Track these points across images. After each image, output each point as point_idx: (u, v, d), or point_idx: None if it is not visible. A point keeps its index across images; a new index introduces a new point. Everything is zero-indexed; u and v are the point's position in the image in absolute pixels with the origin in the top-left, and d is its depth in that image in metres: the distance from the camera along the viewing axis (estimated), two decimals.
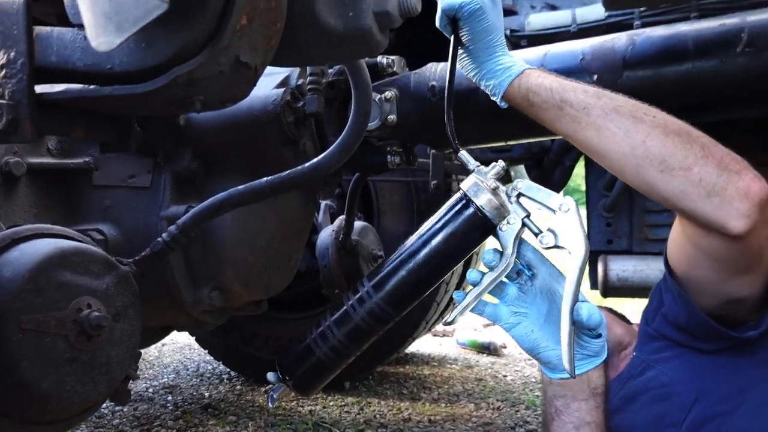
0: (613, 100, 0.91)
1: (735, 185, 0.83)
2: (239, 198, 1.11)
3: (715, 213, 0.84)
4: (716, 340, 0.99)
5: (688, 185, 0.85)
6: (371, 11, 0.65)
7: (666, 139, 0.86)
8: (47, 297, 0.88)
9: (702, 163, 0.85)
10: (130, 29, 0.42)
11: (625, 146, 0.88)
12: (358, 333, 0.98)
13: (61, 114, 0.65)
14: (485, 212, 0.89)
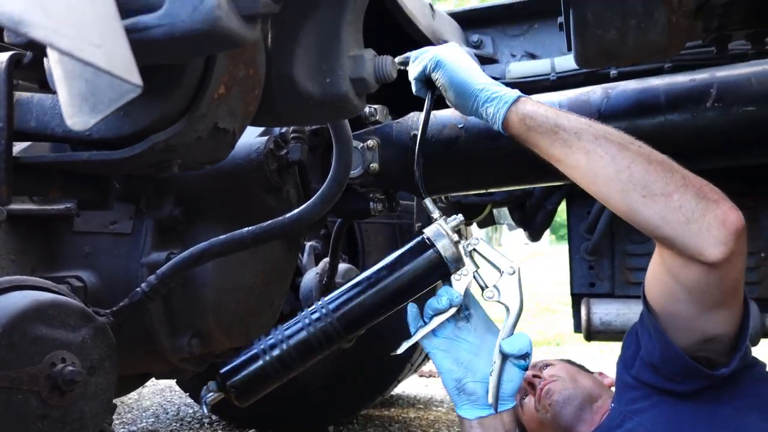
0: (602, 128, 0.96)
1: (713, 213, 0.88)
2: (220, 248, 1.11)
3: (694, 240, 0.88)
4: (690, 379, 1.00)
5: (668, 211, 0.89)
6: (348, 77, 0.67)
7: (649, 167, 0.91)
8: (21, 352, 0.86)
9: (682, 191, 0.89)
10: (105, 111, 0.42)
11: (611, 170, 0.93)
12: (307, 348, 1.00)
13: (38, 176, 0.66)
14: (446, 260, 0.98)
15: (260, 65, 0.64)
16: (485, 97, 1.03)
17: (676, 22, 0.91)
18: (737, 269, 0.92)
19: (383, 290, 1.00)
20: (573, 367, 1.41)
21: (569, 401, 1.26)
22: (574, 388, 1.28)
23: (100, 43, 0.38)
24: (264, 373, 1.00)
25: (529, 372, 1.39)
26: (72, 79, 0.45)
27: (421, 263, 0.99)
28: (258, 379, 1.01)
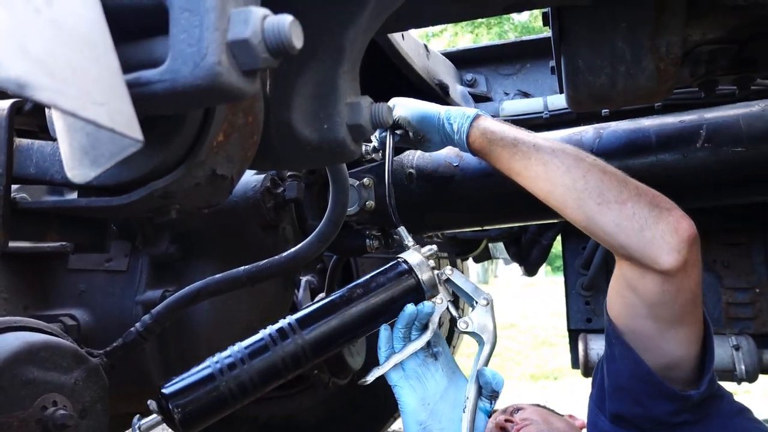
0: (559, 143, 1.02)
1: (665, 220, 0.91)
2: (216, 287, 1.11)
3: (648, 247, 0.91)
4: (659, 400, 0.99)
5: (623, 219, 0.92)
6: (345, 124, 0.68)
7: (603, 176, 0.96)
8: (11, 396, 0.85)
9: (635, 199, 0.93)
10: (105, 164, 0.43)
11: (567, 179, 0.97)
12: (271, 371, 0.88)
13: (36, 220, 0.66)
14: (423, 287, 0.97)
15: (259, 112, 0.65)
16: (448, 115, 1.10)
17: (664, 69, 0.94)
18: (693, 281, 0.94)
19: (356, 311, 0.93)
20: (544, 410, 1.39)
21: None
22: (548, 430, 1.27)
23: (103, 102, 0.39)
24: (219, 398, 0.85)
25: (501, 416, 1.37)
26: (73, 132, 0.46)
27: (400, 290, 0.96)
28: (211, 404, 0.85)
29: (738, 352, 1.79)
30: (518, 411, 1.38)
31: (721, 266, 1.88)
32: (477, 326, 0.99)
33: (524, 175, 1.03)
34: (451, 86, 1.89)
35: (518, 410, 1.39)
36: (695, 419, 0.99)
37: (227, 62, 0.46)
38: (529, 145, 1.01)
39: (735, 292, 1.87)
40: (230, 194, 0.70)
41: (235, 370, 0.86)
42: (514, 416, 1.36)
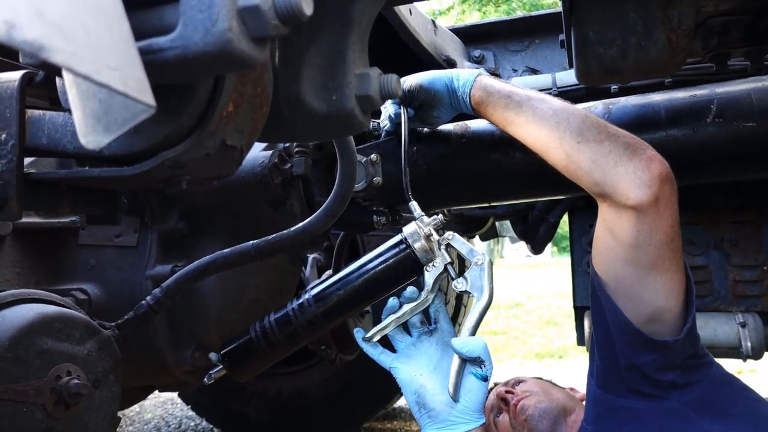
0: (549, 96, 1.11)
1: (639, 158, 0.97)
2: (224, 261, 1.12)
3: (620, 182, 0.97)
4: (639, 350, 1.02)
5: (599, 155, 0.99)
6: (354, 95, 0.68)
7: (586, 119, 1.03)
8: (26, 365, 0.87)
9: (612, 139, 1.00)
10: (118, 130, 0.44)
11: (552, 122, 1.05)
12: (291, 333, 1.10)
13: (48, 191, 0.67)
14: (417, 254, 1.06)
15: (268, 84, 0.65)
16: (456, 73, 1.20)
17: (676, 41, 0.93)
18: (666, 221, 0.97)
19: (359, 284, 1.08)
20: (545, 382, 1.41)
21: (544, 415, 1.26)
22: (548, 401, 1.28)
23: (116, 66, 0.39)
24: (259, 356, 1.12)
25: (502, 388, 1.39)
26: (86, 99, 0.46)
27: (397, 261, 1.07)
28: (250, 359, 1.13)
29: (744, 330, 1.79)
30: (519, 383, 1.40)
31: (729, 244, 1.87)
32: (470, 285, 1.06)
33: (515, 122, 1.11)
34: (459, 62, 1.87)
35: (519, 382, 1.40)
36: (684, 382, 1.00)
37: (237, 29, 0.46)
38: (522, 96, 1.11)
39: (743, 270, 1.86)
40: (239, 165, 0.70)
41: (267, 336, 1.11)
42: (515, 388, 1.38)
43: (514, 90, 1.13)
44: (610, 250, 1.04)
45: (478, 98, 1.16)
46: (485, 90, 1.15)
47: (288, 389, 2.50)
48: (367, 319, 1.79)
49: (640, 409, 1.03)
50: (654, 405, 1.02)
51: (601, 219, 1.05)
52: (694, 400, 1.00)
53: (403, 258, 1.06)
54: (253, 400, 2.54)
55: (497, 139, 1.34)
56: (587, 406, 1.17)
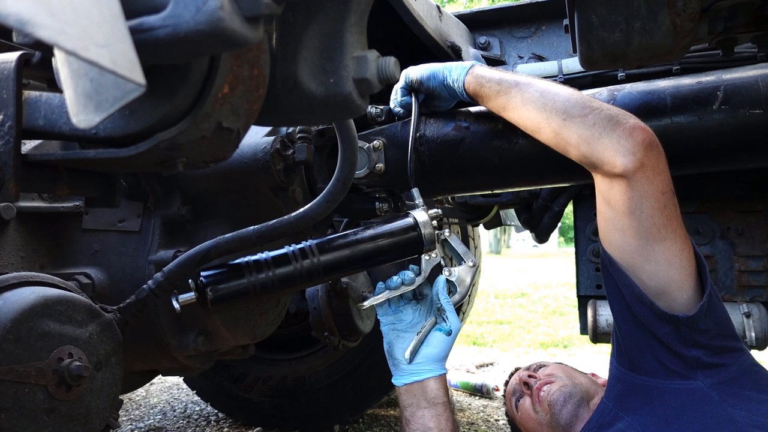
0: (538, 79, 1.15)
1: (622, 127, 1.01)
2: (226, 246, 1.12)
3: (606, 152, 1.01)
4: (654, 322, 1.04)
5: (585, 128, 1.04)
6: (351, 78, 0.68)
7: (571, 97, 1.08)
8: (28, 347, 0.88)
9: (596, 113, 1.04)
10: (109, 109, 0.43)
11: (540, 103, 1.09)
12: (288, 279, 1.07)
13: (46, 173, 0.67)
14: (424, 240, 1.14)
15: (264, 65, 0.65)
16: (449, 68, 1.25)
17: (681, 25, 0.91)
18: (656, 187, 1.01)
19: (365, 249, 1.12)
20: (568, 367, 1.41)
21: (569, 399, 1.26)
22: (572, 385, 1.29)
23: (104, 44, 0.39)
24: (245, 290, 1.05)
25: (524, 372, 1.40)
26: (77, 78, 0.46)
27: (405, 240, 1.14)
28: (237, 293, 1.05)
29: (748, 320, 1.78)
30: (541, 368, 1.40)
31: (735, 234, 1.86)
32: (457, 279, 1.20)
33: (507, 107, 1.16)
34: (464, 49, 1.85)
35: (541, 367, 1.41)
36: (709, 362, 1.01)
37: (229, 7, 0.46)
38: (510, 82, 1.16)
39: (748, 260, 1.85)
40: (236, 148, 0.70)
41: (261, 272, 1.05)
42: (538, 372, 1.38)
43: (503, 77, 1.18)
44: (608, 220, 1.09)
45: (472, 90, 1.22)
46: (477, 81, 1.20)
47: (292, 375, 2.52)
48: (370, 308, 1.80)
49: (662, 388, 1.03)
50: (677, 384, 1.03)
51: (598, 191, 1.10)
52: (720, 383, 1.01)
53: (412, 241, 1.14)
54: (257, 385, 2.56)
55: (500, 126, 1.33)
56: (609, 384, 1.18)
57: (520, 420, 1.40)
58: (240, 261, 1.06)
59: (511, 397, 1.48)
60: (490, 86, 1.18)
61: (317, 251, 1.09)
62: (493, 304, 7.20)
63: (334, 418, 2.64)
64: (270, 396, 2.55)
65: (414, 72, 1.31)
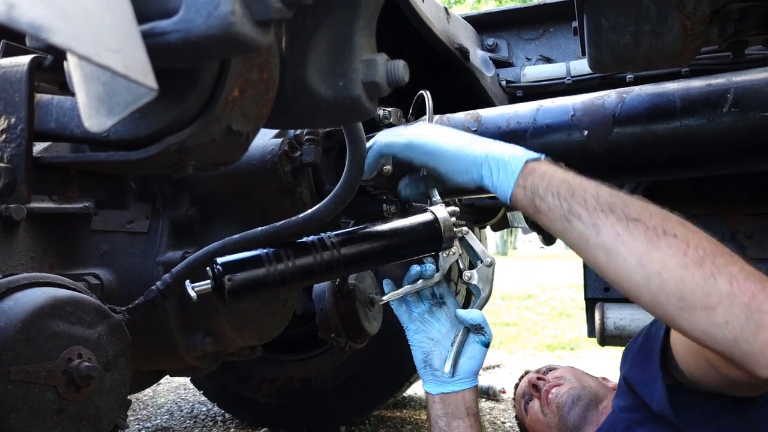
0: (627, 212, 0.78)
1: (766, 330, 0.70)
2: (233, 247, 1.12)
3: (744, 358, 0.73)
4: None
5: (712, 326, 0.73)
6: (360, 81, 0.68)
7: (685, 272, 0.73)
8: (38, 347, 0.88)
9: (727, 302, 0.71)
10: (121, 113, 0.44)
11: (638, 276, 0.76)
12: (308, 271, 1.03)
13: (57, 175, 0.67)
14: (444, 238, 1.11)
15: (274, 69, 0.65)
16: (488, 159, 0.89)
17: (691, 28, 0.91)
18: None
19: (385, 243, 1.10)
20: (577, 370, 1.40)
21: (577, 402, 1.26)
22: (581, 388, 1.28)
23: (117, 48, 0.39)
24: (264, 280, 0.98)
25: (533, 375, 1.39)
26: (90, 82, 0.46)
27: (426, 236, 1.11)
28: (255, 284, 0.98)
29: None
30: (551, 370, 1.40)
31: (745, 236, 1.84)
32: (477, 280, 1.15)
33: (582, 256, 0.84)
34: (472, 51, 1.85)
35: (551, 369, 1.40)
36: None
37: (240, 12, 0.46)
38: (587, 224, 0.80)
39: (758, 263, 1.83)
40: (245, 151, 0.70)
41: (280, 262, 0.99)
42: (547, 375, 1.37)
43: (573, 210, 0.81)
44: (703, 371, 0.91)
45: (522, 207, 0.88)
46: (534, 204, 0.86)
47: (298, 376, 2.52)
48: (377, 307, 1.80)
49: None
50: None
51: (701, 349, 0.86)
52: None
53: (432, 237, 1.12)
54: (264, 386, 2.57)
55: (509, 130, 1.33)
56: (618, 390, 1.17)
57: (529, 423, 1.40)
58: (260, 251, 1.01)
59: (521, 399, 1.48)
60: (553, 218, 0.84)
61: (338, 244, 1.06)
62: (500, 305, 7.18)
63: (341, 419, 2.65)
64: (276, 397, 2.55)
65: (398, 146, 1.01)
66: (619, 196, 0.81)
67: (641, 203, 0.80)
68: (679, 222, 0.78)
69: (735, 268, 0.73)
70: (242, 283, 0.96)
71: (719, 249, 0.75)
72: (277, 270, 0.98)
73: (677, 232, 0.76)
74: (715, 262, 0.73)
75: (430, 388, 1.09)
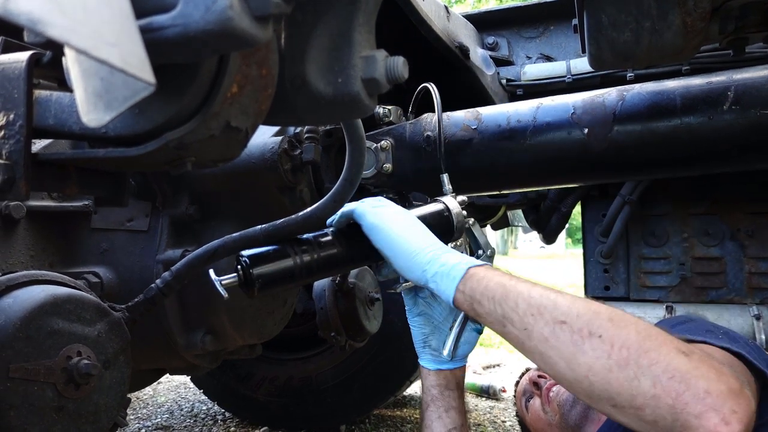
0: (554, 315, 0.80)
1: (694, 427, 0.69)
2: (233, 245, 1.12)
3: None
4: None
5: (643, 424, 0.73)
6: (359, 78, 0.67)
7: (610, 375, 0.74)
8: (37, 345, 0.88)
9: (653, 404, 0.72)
10: (119, 108, 0.44)
11: (570, 378, 0.78)
12: (333, 262, 1.04)
13: (56, 172, 0.67)
14: (455, 228, 1.14)
15: (273, 65, 0.65)
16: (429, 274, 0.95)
17: (691, 24, 0.90)
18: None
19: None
20: None
21: (578, 400, 1.25)
22: None
23: (115, 42, 0.39)
24: (290, 272, 0.98)
25: (534, 373, 1.39)
26: (88, 77, 0.46)
27: (435, 223, 1.11)
28: (282, 276, 0.98)
29: (759, 322, 1.77)
30: None
31: (746, 235, 1.84)
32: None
33: (526, 356, 0.86)
34: (472, 49, 1.85)
35: None
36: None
37: (239, 6, 0.46)
38: (520, 328, 0.83)
39: (758, 262, 1.83)
40: (244, 148, 0.70)
41: (306, 253, 1.00)
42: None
43: (507, 315, 0.85)
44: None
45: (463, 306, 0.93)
46: (473, 308, 0.91)
47: (298, 375, 2.52)
48: (377, 306, 1.80)
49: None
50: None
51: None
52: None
53: (444, 227, 1.13)
54: (264, 385, 2.57)
55: (509, 128, 1.33)
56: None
57: (530, 421, 1.40)
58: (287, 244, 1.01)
59: (522, 397, 1.47)
60: (491, 321, 0.89)
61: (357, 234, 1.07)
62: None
63: (341, 418, 2.64)
64: (276, 396, 2.55)
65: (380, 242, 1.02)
66: (549, 297, 0.83)
67: (570, 302, 0.81)
68: (608, 318, 0.77)
69: (659, 368, 0.72)
70: (271, 276, 0.96)
71: (647, 345, 0.73)
72: (303, 261, 0.99)
73: (603, 332, 0.76)
74: (639, 363, 0.73)
75: (427, 364, 1.15)
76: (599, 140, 1.24)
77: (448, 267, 0.93)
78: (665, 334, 0.76)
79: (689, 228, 1.89)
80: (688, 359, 0.72)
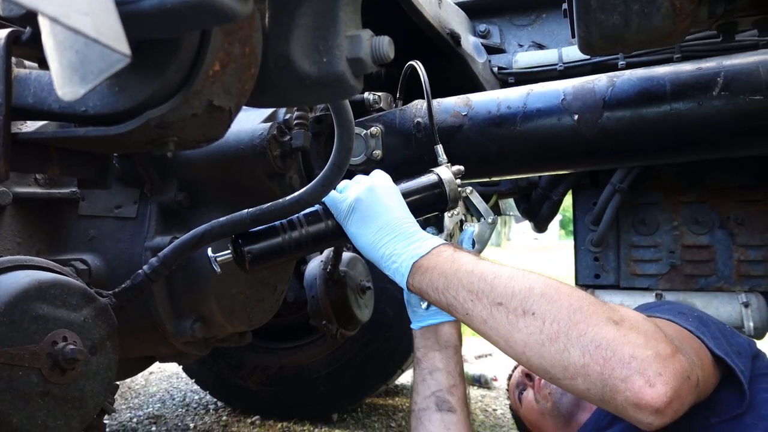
0: (492, 298, 0.85)
1: (623, 396, 0.73)
2: (220, 230, 1.12)
3: (621, 411, 0.76)
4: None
5: (581, 392, 0.78)
6: (345, 57, 0.67)
7: (542, 349, 0.79)
8: (22, 330, 0.87)
9: (583, 372, 0.75)
10: (95, 81, 0.43)
11: (511, 354, 0.84)
12: (321, 237, 1.09)
13: (37, 152, 0.66)
14: (449, 198, 1.14)
15: (256, 44, 0.64)
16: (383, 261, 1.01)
17: (680, 7, 0.90)
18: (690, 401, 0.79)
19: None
20: None
21: None
22: None
23: (87, 11, 0.38)
24: (279, 248, 1.07)
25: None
26: (63, 49, 0.45)
27: (431, 197, 1.13)
28: (272, 252, 1.07)
29: (747, 309, 1.78)
30: None
31: (735, 223, 1.85)
32: (476, 233, 1.20)
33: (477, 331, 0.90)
34: (463, 37, 1.84)
35: None
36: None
37: None
38: (462, 313, 0.89)
39: (747, 250, 1.84)
40: (228, 128, 0.69)
41: (294, 230, 1.07)
42: None
43: (450, 302, 0.91)
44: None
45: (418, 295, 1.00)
46: (421, 294, 0.97)
47: (290, 364, 2.52)
48: (369, 295, 1.80)
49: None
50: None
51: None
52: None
53: (436, 198, 1.14)
54: (255, 374, 2.57)
55: (499, 114, 1.32)
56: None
57: (524, 413, 1.40)
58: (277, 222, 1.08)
59: (515, 389, 1.47)
60: (440, 307, 0.95)
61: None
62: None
63: (333, 407, 2.65)
64: (268, 385, 2.55)
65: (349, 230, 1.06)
66: (486, 280, 0.87)
67: (507, 281, 0.85)
68: (542, 293, 0.81)
69: (587, 338, 0.76)
70: (261, 251, 1.06)
71: (576, 317, 0.77)
72: (292, 237, 1.06)
73: (536, 308, 0.80)
74: (569, 335, 0.77)
75: (413, 324, 1.16)
76: (589, 126, 1.24)
77: (398, 263, 0.98)
78: (598, 305, 0.80)
79: (679, 216, 1.90)
80: (617, 327, 0.75)
